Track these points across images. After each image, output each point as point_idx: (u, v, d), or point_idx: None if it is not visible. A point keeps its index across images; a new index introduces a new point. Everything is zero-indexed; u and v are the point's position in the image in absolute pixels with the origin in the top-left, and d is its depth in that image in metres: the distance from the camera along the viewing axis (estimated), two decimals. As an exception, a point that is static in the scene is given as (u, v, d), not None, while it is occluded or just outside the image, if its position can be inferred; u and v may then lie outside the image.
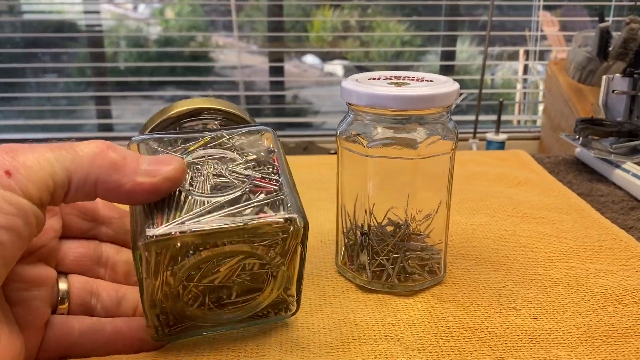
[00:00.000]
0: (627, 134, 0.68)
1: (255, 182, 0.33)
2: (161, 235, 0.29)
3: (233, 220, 0.30)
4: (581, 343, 0.36)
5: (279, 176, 0.34)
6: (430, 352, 0.35)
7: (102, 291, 0.35)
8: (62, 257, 0.35)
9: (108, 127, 1.99)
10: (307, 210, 0.57)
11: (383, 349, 0.35)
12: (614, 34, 1.08)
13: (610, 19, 1.57)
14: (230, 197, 0.31)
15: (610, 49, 1.05)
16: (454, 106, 0.41)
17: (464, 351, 0.35)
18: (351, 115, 0.41)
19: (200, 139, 0.34)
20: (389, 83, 0.39)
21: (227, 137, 0.34)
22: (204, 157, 0.33)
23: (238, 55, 1.98)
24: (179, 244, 0.30)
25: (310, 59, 2.29)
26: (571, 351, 0.35)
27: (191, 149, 0.33)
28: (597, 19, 1.08)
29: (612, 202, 0.61)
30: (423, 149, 0.38)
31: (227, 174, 0.33)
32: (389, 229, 0.43)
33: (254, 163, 0.34)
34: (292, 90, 2.24)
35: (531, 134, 1.74)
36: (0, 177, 0.26)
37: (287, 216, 0.32)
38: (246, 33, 2.11)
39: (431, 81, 0.40)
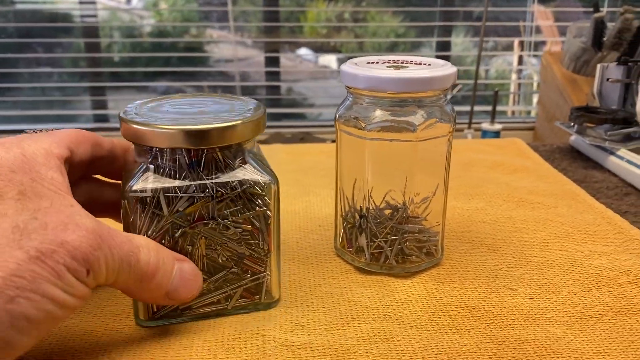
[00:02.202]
0: (621, 121, 0.68)
1: (245, 262, 0.36)
2: None
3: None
4: (576, 321, 0.36)
5: (268, 254, 0.36)
6: (428, 330, 0.35)
7: None
8: None
9: (103, 118, 1.99)
10: (305, 197, 0.57)
11: (382, 327, 0.36)
12: (609, 24, 1.08)
13: (604, 10, 1.58)
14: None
15: (604, 39, 1.05)
16: (449, 97, 0.42)
17: (462, 329, 0.36)
18: (350, 98, 0.41)
19: (198, 200, 0.34)
20: (387, 66, 0.40)
21: (226, 196, 0.34)
22: (199, 227, 0.34)
23: (234, 47, 1.98)
24: None
25: (304, 52, 2.29)
26: (567, 329, 0.36)
27: (187, 211, 0.34)
28: (591, 9, 1.08)
29: (607, 188, 0.62)
30: (421, 132, 0.39)
31: (217, 254, 0.35)
32: (387, 212, 0.43)
33: (246, 233, 0.36)
34: (286, 83, 2.24)
35: (526, 124, 1.75)
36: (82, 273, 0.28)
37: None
38: (241, 23, 2.11)
39: (429, 65, 0.41)
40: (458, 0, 2.02)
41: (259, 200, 0.35)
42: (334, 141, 0.45)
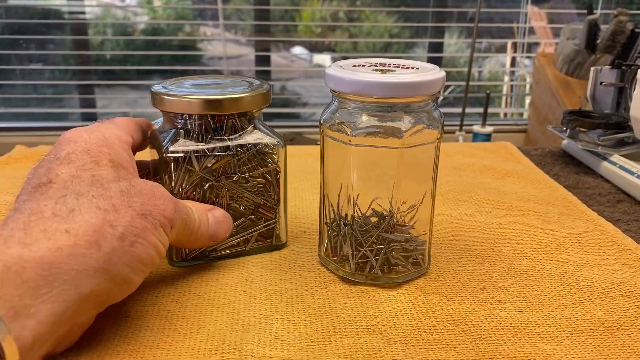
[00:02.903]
0: (614, 126, 0.67)
1: (260, 210, 0.44)
2: None
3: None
4: (567, 337, 0.35)
5: (278, 203, 0.44)
6: (412, 345, 0.34)
7: None
8: None
9: (92, 117, 1.96)
10: (290, 201, 0.56)
11: (365, 342, 0.34)
12: (602, 26, 1.07)
13: (598, 12, 1.57)
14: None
15: (598, 41, 1.04)
16: (441, 98, 0.40)
17: (447, 344, 0.34)
18: (335, 102, 0.40)
19: (221, 158, 0.41)
20: (373, 70, 0.38)
21: (244, 155, 0.42)
22: (221, 180, 0.41)
23: (224, 45, 1.96)
24: None
25: (298, 51, 2.27)
26: (557, 345, 0.34)
27: (214, 167, 0.41)
28: (584, 11, 1.07)
29: (599, 195, 0.60)
30: (408, 138, 0.37)
31: (238, 204, 0.43)
32: (373, 219, 0.42)
33: (260, 185, 0.43)
34: (280, 82, 2.22)
35: (518, 126, 1.74)
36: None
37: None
38: (233, 22, 2.09)
39: (417, 69, 0.39)
40: (451, 1, 2.01)
41: (270, 158, 0.43)
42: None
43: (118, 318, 0.36)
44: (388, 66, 0.39)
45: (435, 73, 0.38)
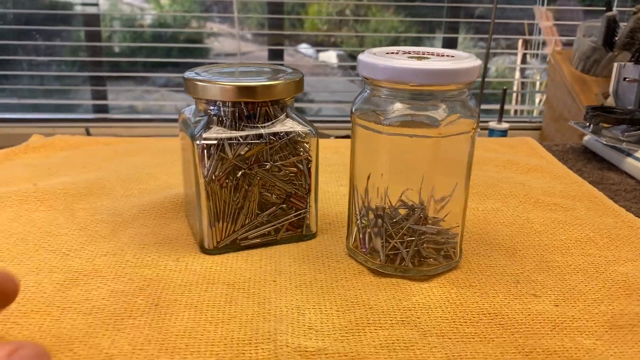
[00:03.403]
0: (638, 121, 0.66)
1: (291, 199, 0.43)
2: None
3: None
4: (606, 332, 0.34)
5: (309, 193, 0.44)
6: (449, 338, 0.33)
7: None
8: None
9: (103, 109, 1.96)
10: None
11: (400, 333, 0.33)
12: (621, 24, 1.06)
13: (615, 9, 1.55)
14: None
15: (616, 38, 1.03)
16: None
17: (485, 338, 0.33)
18: (368, 90, 0.39)
19: (254, 146, 0.40)
20: (408, 57, 0.38)
21: (277, 143, 0.41)
22: (254, 168, 0.41)
23: (238, 41, 1.95)
24: None
25: (304, 48, 2.26)
26: (596, 340, 0.33)
27: (247, 155, 0.40)
28: (593, 9, 1.06)
29: (625, 191, 0.60)
30: (444, 127, 0.37)
31: (270, 192, 0.42)
32: (402, 211, 0.41)
33: (292, 174, 0.43)
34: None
35: (532, 124, 1.72)
36: None
37: None
38: (247, 15, 2.07)
39: (452, 56, 0.38)
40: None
41: (302, 147, 0.42)
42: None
43: (147, 308, 0.36)
44: (423, 54, 0.39)
45: (472, 61, 0.37)
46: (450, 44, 2.00)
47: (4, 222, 0.47)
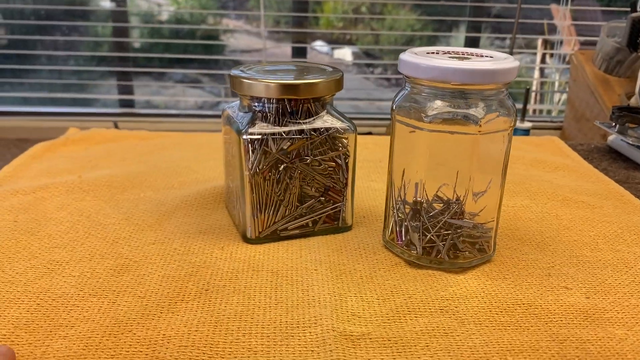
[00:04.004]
0: (665, 122, 0.67)
1: (329, 192, 0.45)
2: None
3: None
4: (637, 323, 0.36)
5: (346, 187, 0.46)
6: (486, 326, 0.35)
7: None
8: None
9: (129, 103, 1.99)
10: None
11: (440, 321, 0.35)
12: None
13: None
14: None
15: (641, 39, 1.03)
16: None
17: (520, 326, 0.35)
18: (407, 88, 0.41)
19: (296, 141, 0.42)
20: (449, 57, 0.39)
21: (318, 138, 0.43)
22: (295, 162, 0.43)
23: (263, 39, 1.97)
24: None
25: (319, 45, 2.27)
26: (627, 330, 0.35)
27: (289, 149, 0.42)
28: (612, 10, 1.06)
29: (651, 190, 0.61)
30: (483, 125, 0.38)
31: (309, 186, 0.44)
32: (437, 206, 0.43)
33: (331, 169, 0.44)
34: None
35: (553, 123, 1.73)
36: None
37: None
38: (272, 13, 2.09)
39: (491, 57, 0.40)
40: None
41: (340, 143, 0.44)
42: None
43: (198, 292, 0.38)
44: (463, 54, 0.40)
45: (510, 62, 0.38)
46: (473, 43, 2.00)
47: (52, 210, 0.49)
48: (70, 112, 1.92)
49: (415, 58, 0.39)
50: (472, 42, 2.00)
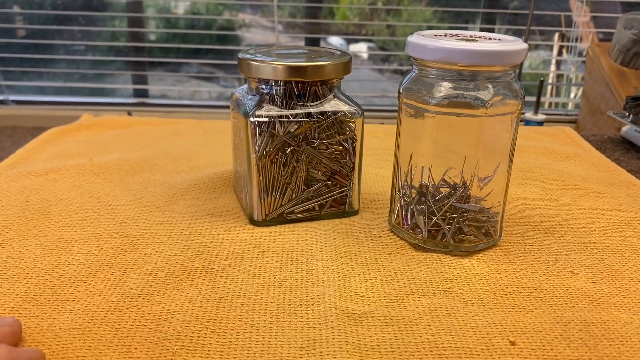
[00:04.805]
0: (680, 112, 0.66)
1: (336, 176, 0.45)
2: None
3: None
4: (643, 307, 0.35)
5: (352, 171, 0.46)
6: (490, 308, 0.35)
7: None
8: None
9: (143, 94, 2.00)
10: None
11: (442, 302, 0.35)
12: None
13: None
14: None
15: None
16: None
17: (524, 308, 0.35)
18: (415, 71, 0.41)
19: (303, 124, 0.42)
20: (457, 39, 0.39)
21: (325, 122, 0.43)
22: (302, 145, 0.43)
23: (276, 33, 1.97)
24: None
25: (334, 40, 2.26)
26: (633, 314, 0.35)
27: (296, 132, 0.42)
28: (628, 0, 1.05)
29: (663, 180, 0.60)
30: (490, 108, 0.38)
31: (316, 169, 0.44)
32: (443, 190, 0.42)
33: (338, 153, 0.44)
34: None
35: (568, 116, 1.71)
36: None
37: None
38: (286, 3, 2.09)
39: (499, 40, 0.40)
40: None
41: (348, 127, 0.44)
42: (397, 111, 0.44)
43: (203, 271, 0.38)
44: (471, 37, 0.40)
45: (519, 44, 0.38)
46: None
47: (62, 191, 0.50)
48: (85, 102, 1.94)
49: (423, 40, 0.39)
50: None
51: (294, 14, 2.11)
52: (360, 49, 2.30)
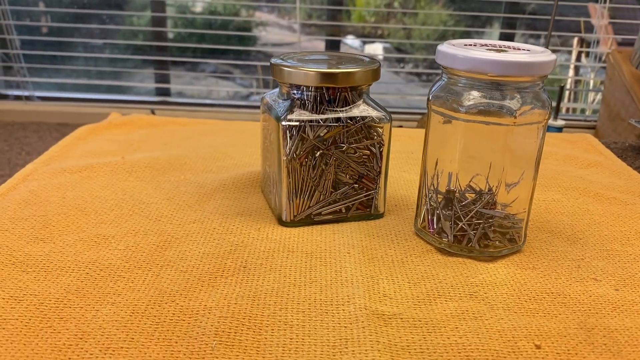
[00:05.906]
0: (702, 122, 0.66)
1: (363, 180, 0.46)
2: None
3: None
4: (665, 315, 0.36)
5: (379, 175, 0.47)
6: (515, 312, 0.36)
7: None
8: None
9: (166, 92, 2.03)
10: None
11: (469, 305, 0.36)
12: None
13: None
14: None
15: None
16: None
17: (548, 314, 0.36)
18: (444, 79, 0.42)
19: (333, 129, 0.44)
20: (487, 49, 0.40)
21: (353, 126, 0.44)
22: (331, 149, 0.44)
23: (298, 33, 1.98)
24: None
25: (350, 41, 2.27)
26: (656, 322, 0.35)
27: (326, 136, 0.44)
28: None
29: (685, 189, 0.60)
30: (519, 117, 0.39)
31: (344, 173, 0.46)
32: (469, 196, 0.43)
33: (365, 157, 0.46)
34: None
35: (587, 122, 1.71)
36: None
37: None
38: (309, 6, 2.10)
39: (528, 50, 0.41)
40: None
41: (375, 132, 0.45)
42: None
43: (236, 269, 0.39)
44: (500, 47, 0.41)
45: (547, 55, 0.39)
46: (507, 39, 1.98)
47: (97, 189, 0.52)
48: (108, 99, 1.97)
49: (453, 49, 0.40)
50: (506, 39, 1.98)
51: (312, 15, 2.12)
52: (376, 50, 2.31)
